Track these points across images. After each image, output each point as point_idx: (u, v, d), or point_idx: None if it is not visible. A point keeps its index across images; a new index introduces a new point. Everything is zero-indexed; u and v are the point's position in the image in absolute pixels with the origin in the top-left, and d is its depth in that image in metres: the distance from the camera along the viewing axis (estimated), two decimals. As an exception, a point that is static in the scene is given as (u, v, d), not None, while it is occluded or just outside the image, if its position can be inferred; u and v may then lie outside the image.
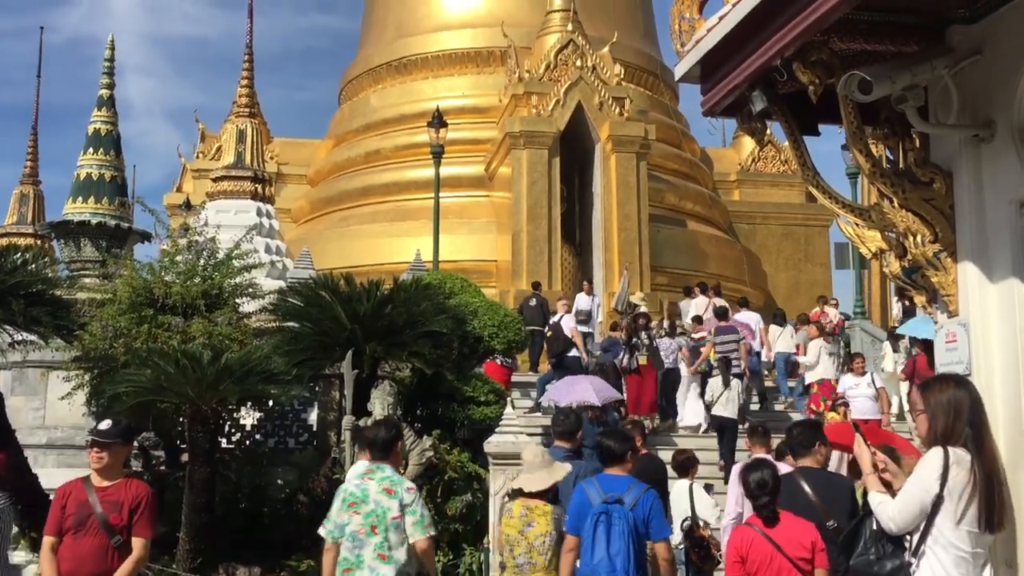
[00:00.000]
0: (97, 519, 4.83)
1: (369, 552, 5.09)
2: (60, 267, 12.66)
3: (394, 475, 5.29)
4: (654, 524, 5.20)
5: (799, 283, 28.33)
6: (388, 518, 5.10)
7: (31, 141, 24.75)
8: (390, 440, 5.39)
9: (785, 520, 4.72)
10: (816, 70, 4.42)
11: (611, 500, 5.13)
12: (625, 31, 26.62)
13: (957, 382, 3.85)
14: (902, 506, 3.74)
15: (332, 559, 5.19)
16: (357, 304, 10.12)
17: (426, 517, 5.23)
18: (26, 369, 11.61)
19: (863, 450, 4.07)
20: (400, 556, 5.11)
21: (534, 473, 5.67)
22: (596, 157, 23.09)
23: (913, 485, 3.74)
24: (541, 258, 21.67)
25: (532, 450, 6.01)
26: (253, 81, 20.12)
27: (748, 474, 4.82)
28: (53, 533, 4.89)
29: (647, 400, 13.63)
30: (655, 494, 5.36)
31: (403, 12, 28.30)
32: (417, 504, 5.19)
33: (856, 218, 4.97)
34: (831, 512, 5.02)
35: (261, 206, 18.61)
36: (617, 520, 5.09)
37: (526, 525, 5.52)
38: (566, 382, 12.42)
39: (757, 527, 4.71)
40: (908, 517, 3.72)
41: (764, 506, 4.73)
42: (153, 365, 8.79)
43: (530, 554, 5.48)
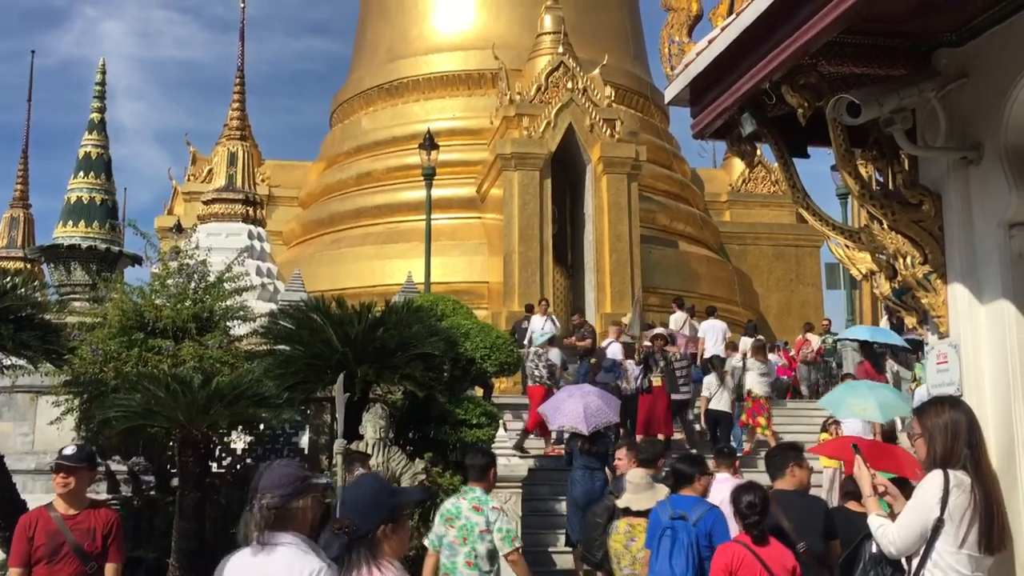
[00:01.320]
0: (71, 547, 4.79)
1: (460, 559, 5.93)
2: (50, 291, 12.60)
3: (482, 495, 6.08)
4: (715, 538, 5.57)
5: (791, 303, 28.43)
6: (475, 532, 5.90)
7: (21, 164, 24.72)
8: (484, 466, 6.24)
9: (773, 542, 4.90)
10: (804, 93, 4.45)
11: (676, 517, 5.61)
12: (616, 53, 26.80)
13: (952, 404, 3.85)
14: (903, 530, 3.73)
15: (432, 564, 6.05)
16: (349, 327, 10.08)
17: (511, 532, 5.96)
18: (15, 394, 11.52)
19: (863, 472, 4.06)
20: (484, 565, 5.90)
21: (640, 494, 6.37)
22: (587, 178, 23.18)
23: (914, 508, 3.72)
24: (533, 279, 21.69)
25: (638, 473, 6.72)
26: (244, 104, 20.15)
27: (740, 495, 4.99)
28: (20, 564, 4.83)
29: (659, 419, 13.66)
30: (719, 512, 5.76)
31: (394, 35, 28.43)
32: (501, 521, 5.96)
33: (846, 240, 4.98)
34: (803, 534, 5.07)
35: (252, 229, 18.59)
36: (681, 535, 5.55)
37: (629, 540, 6.23)
38: (562, 396, 11.97)
39: (746, 544, 4.84)
40: (909, 541, 3.70)
41: (754, 525, 4.88)
42: (143, 389, 8.72)
43: (633, 566, 6.16)
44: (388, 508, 3.18)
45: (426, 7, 28.26)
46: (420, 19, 28.20)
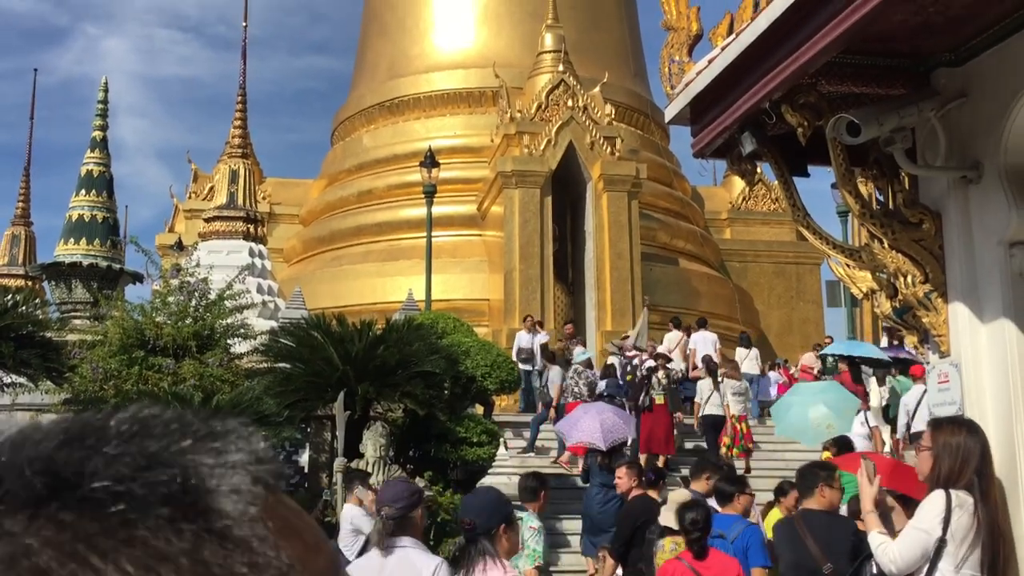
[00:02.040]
0: None
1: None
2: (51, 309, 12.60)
3: (527, 515, 6.30)
4: (751, 553, 5.76)
5: (791, 321, 28.42)
6: None
7: (23, 182, 24.79)
8: (534, 489, 6.54)
9: (713, 555, 5.25)
10: (804, 112, 4.47)
11: (715, 536, 5.74)
12: (616, 72, 26.90)
13: (969, 429, 3.82)
14: (904, 549, 3.71)
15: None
16: (349, 345, 10.10)
17: (536, 552, 6.29)
18: (15, 412, 11.51)
19: (865, 484, 4.04)
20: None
21: None
22: (588, 196, 23.22)
23: (915, 527, 3.71)
24: (534, 297, 21.69)
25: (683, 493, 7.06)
26: (246, 122, 20.23)
27: (684, 512, 5.39)
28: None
29: (659, 439, 13.61)
30: (756, 529, 6.04)
31: (395, 53, 28.57)
32: (532, 540, 6.25)
33: (847, 259, 4.99)
34: (829, 555, 5.02)
35: (253, 246, 18.62)
36: None
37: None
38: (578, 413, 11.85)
39: (687, 561, 5.18)
40: (910, 559, 3.69)
41: (695, 541, 5.24)
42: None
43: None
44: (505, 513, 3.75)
45: (427, 25, 28.41)
46: (421, 37, 28.34)
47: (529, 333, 17.64)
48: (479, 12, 28.05)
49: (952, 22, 4.19)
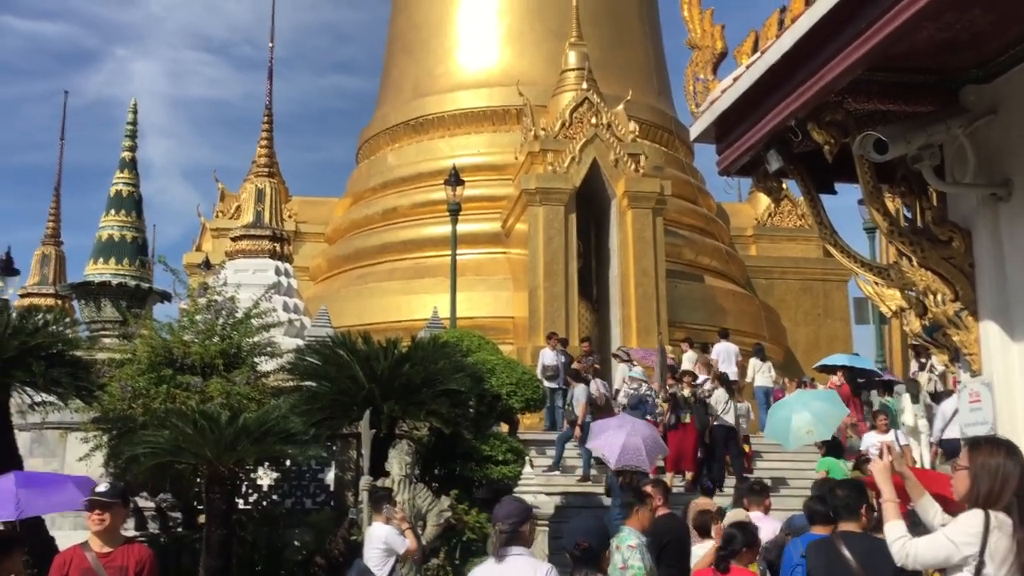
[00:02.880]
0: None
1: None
2: (81, 328, 12.74)
3: (625, 533, 6.48)
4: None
5: (819, 338, 28.17)
6: (616, 568, 6.30)
7: (53, 203, 25.09)
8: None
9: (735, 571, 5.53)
10: (831, 130, 4.45)
11: (804, 555, 5.72)
12: (640, 89, 26.91)
13: (1009, 450, 3.75)
14: (928, 550, 3.68)
15: None
16: (375, 363, 10.11)
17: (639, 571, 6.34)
18: (45, 431, 11.62)
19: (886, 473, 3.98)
20: None
21: None
22: (612, 213, 23.20)
23: (947, 537, 3.66)
24: (558, 314, 21.65)
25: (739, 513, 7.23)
26: (272, 141, 20.39)
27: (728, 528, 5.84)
28: None
29: (688, 457, 13.54)
30: None
31: (420, 72, 28.75)
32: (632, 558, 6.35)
33: (875, 277, 4.95)
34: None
35: (279, 265, 18.72)
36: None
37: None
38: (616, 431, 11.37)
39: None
40: (928, 562, 3.69)
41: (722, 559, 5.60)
42: (171, 426, 8.78)
43: None
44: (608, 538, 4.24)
45: (451, 45, 28.58)
46: (445, 57, 28.51)
47: (554, 351, 17.62)
48: (503, 31, 28.20)
49: (978, 39, 4.16)
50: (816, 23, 4.02)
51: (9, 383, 9.03)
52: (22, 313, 9.84)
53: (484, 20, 28.27)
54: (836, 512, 5.58)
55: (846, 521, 5.34)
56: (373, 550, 7.78)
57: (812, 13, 4.05)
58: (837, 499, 5.54)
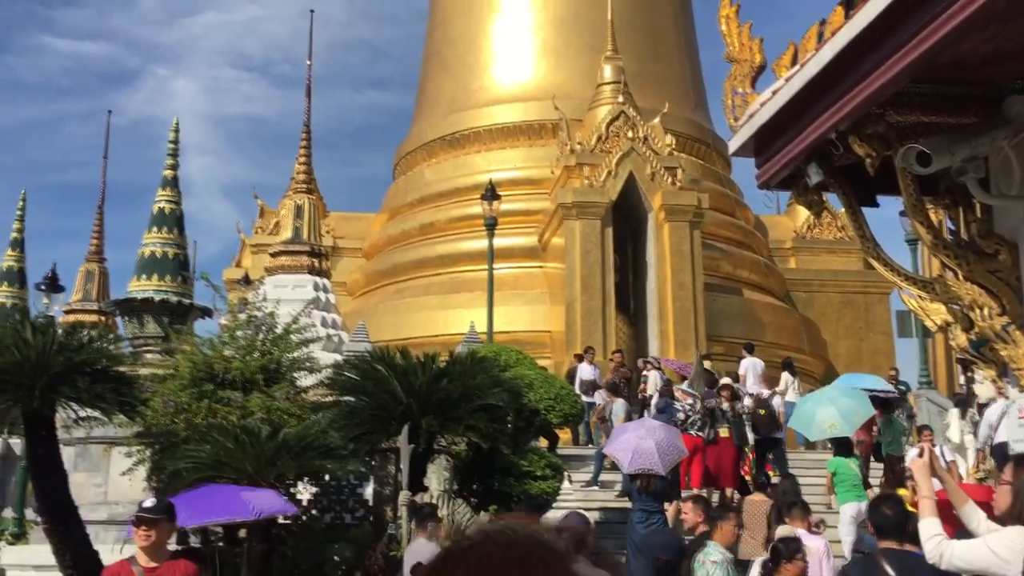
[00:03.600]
0: None
1: None
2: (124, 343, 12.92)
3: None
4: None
5: (860, 351, 27.80)
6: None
7: (97, 220, 25.49)
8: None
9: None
10: (872, 143, 4.40)
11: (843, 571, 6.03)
12: (676, 102, 26.83)
13: None
14: (968, 553, 3.64)
15: None
16: (413, 378, 10.14)
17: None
18: (89, 445, 11.78)
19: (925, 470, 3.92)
20: None
21: None
22: (649, 226, 23.12)
23: (990, 547, 3.60)
24: (595, 328, 21.59)
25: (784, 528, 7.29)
26: (311, 158, 20.59)
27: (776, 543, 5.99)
28: None
29: (726, 472, 13.38)
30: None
31: (456, 88, 28.90)
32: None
33: (919, 290, 4.88)
34: None
35: (318, 280, 18.88)
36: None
37: None
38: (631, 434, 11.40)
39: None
40: (964, 564, 3.65)
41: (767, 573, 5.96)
42: (213, 440, 8.87)
43: None
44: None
45: (487, 60, 28.72)
46: (481, 72, 28.65)
47: (591, 365, 17.57)
48: (538, 46, 28.28)
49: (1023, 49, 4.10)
50: (857, 36, 3.99)
51: (55, 399, 9.16)
52: (67, 330, 10.00)
53: (519, 35, 28.39)
54: (881, 529, 5.47)
55: (888, 539, 5.25)
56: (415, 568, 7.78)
57: (852, 26, 4.02)
58: (884, 516, 5.43)
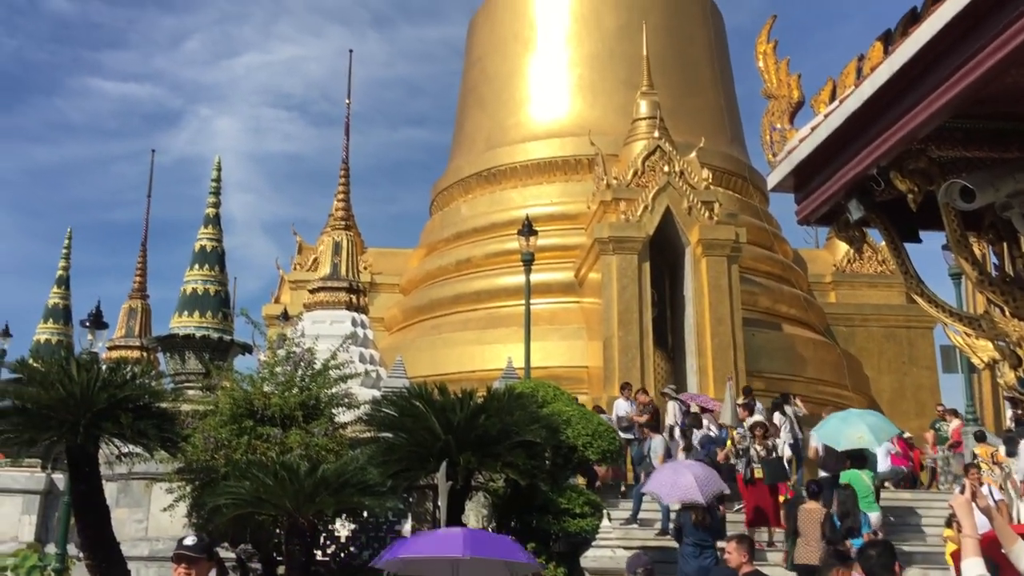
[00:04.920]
0: None
1: None
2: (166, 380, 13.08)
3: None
4: None
5: (904, 387, 27.33)
6: None
7: (140, 257, 25.91)
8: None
9: None
10: (914, 178, 4.36)
11: None
12: (712, 136, 26.82)
13: None
14: None
15: None
16: (451, 414, 10.11)
17: None
18: (131, 481, 11.89)
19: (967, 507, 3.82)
20: None
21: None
22: (686, 261, 23.02)
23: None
24: (633, 364, 21.46)
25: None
26: (349, 195, 20.83)
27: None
28: None
29: (769, 514, 13.21)
30: None
31: (492, 124, 29.15)
32: None
33: (965, 327, 4.80)
34: None
35: (356, 316, 19.01)
36: None
37: None
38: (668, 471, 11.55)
39: None
40: None
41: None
42: (252, 477, 8.90)
43: None
44: None
45: (523, 97, 28.96)
46: (517, 108, 28.88)
47: (628, 401, 17.44)
48: (574, 82, 28.48)
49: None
50: (897, 72, 3.97)
51: (98, 434, 9.27)
52: (111, 366, 10.13)
53: (555, 71, 28.62)
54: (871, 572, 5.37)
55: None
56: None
57: (892, 62, 4.00)
58: (870, 560, 5.33)
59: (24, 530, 16.09)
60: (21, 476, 16.32)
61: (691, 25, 29.66)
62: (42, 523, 16.15)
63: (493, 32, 30.43)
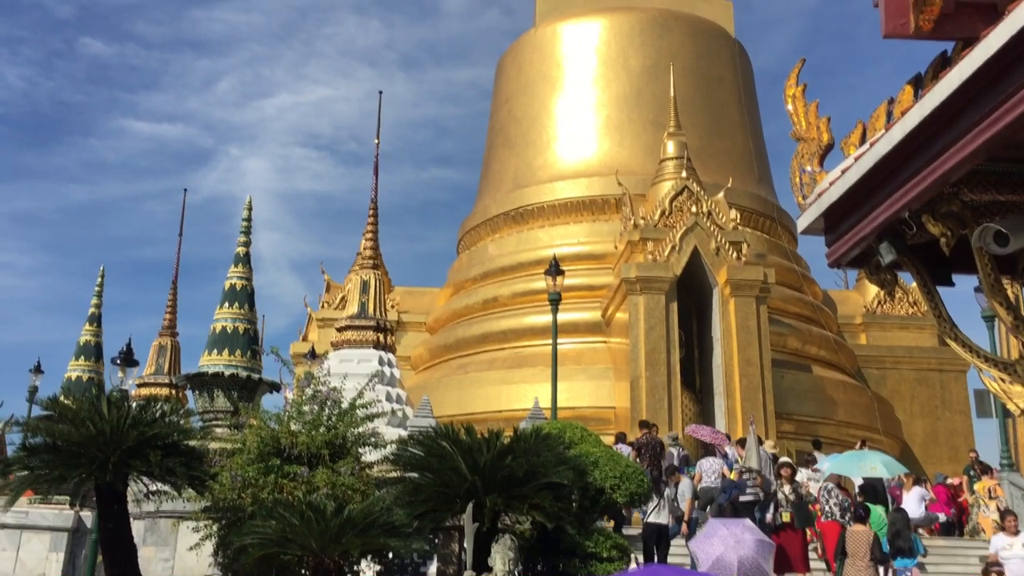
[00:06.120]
0: None
1: None
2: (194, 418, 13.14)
3: None
4: None
5: (937, 431, 26.88)
6: None
7: (171, 295, 26.15)
8: None
9: None
10: (947, 222, 4.33)
11: None
12: (740, 176, 26.81)
13: None
14: None
15: None
16: (477, 455, 10.07)
17: None
18: (158, 519, 11.90)
19: None
20: None
21: None
22: (714, 301, 22.91)
23: None
24: (661, 405, 21.31)
25: None
26: (377, 235, 20.97)
27: None
28: None
29: (797, 557, 12.94)
30: None
31: (520, 164, 29.32)
32: None
33: (1000, 372, 4.73)
34: None
35: (383, 355, 19.04)
36: None
37: None
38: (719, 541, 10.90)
39: None
40: None
41: None
42: (278, 516, 8.89)
43: None
44: None
45: (550, 137, 29.14)
46: (544, 148, 29.06)
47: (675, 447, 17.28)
48: (601, 122, 28.63)
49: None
50: (928, 115, 3.96)
51: (128, 472, 9.32)
52: (141, 404, 10.21)
53: (583, 112, 28.81)
54: None
55: None
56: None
57: (923, 105, 3.99)
58: None
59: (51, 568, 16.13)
60: (49, 513, 16.39)
61: (718, 66, 29.80)
62: (69, 561, 16.18)
63: (521, 73, 30.72)
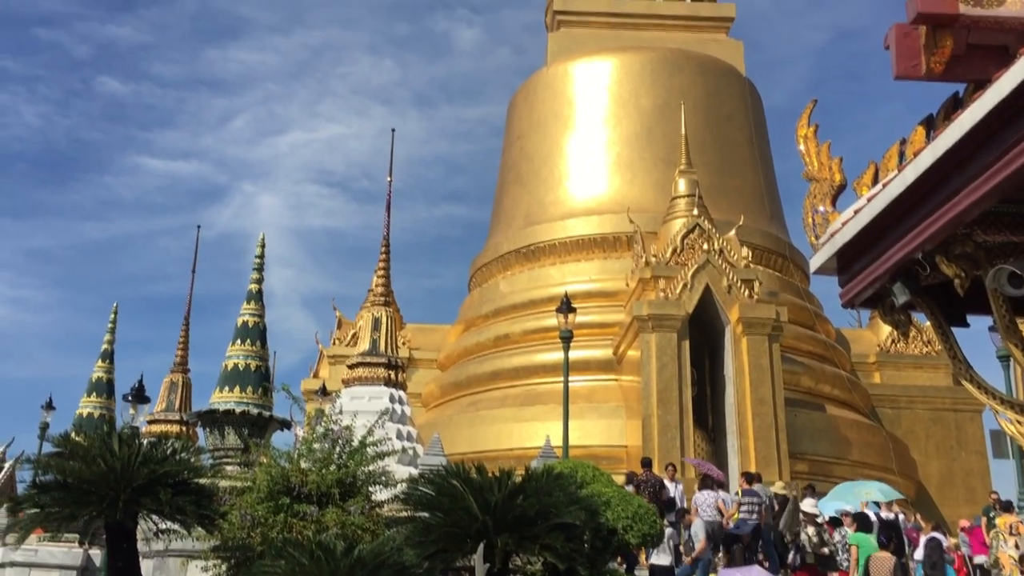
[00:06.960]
0: None
1: None
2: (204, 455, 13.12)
3: None
4: None
5: (953, 472, 26.57)
6: None
7: (183, 332, 26.21)
8: None
9: None
10: (961, 263, 4.32)
11: None
12: (751, 214, 26.83)
13: None
14: None
15: None
16: (488, 494, 9.98)
17: None
18: (167, 558, 11.83)
19: None
20: None
21: None
22: (726, 340, 22.82)
23: None
24: (673, 444, 21.15)
25: None
26: (389, 272, 21.03)
27: None
28: None
29: None
30: None
31: (531, 201, 29.43)
32: None
33: (1017, 415, 4.68)
34: None
35: (394, 392, 19.02)
36: None
37: None
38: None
39: None
40: None
41: None
42: (288, 556, 8.81)
43: None
44: None
45: (562, 174, 29.27)
46: (556, 186, 29.18)
47: (672, 482, 17.07)
48: (612, 160, 28.76)
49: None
50: (940, 157, 3.96)
51: (138, 511, 9.28)
52: (152, 441, 10.19)
53: (594, 150, 28.96)
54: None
55: None
56: None
57: (936, 147, 4.00)
58: None
59: (59, 605, 16.03)
60: (59, 551, 16.33)
61: (729, 105, 29.95)
62: (77, 599, 16.08)
63: (533, 111, 30.95)
